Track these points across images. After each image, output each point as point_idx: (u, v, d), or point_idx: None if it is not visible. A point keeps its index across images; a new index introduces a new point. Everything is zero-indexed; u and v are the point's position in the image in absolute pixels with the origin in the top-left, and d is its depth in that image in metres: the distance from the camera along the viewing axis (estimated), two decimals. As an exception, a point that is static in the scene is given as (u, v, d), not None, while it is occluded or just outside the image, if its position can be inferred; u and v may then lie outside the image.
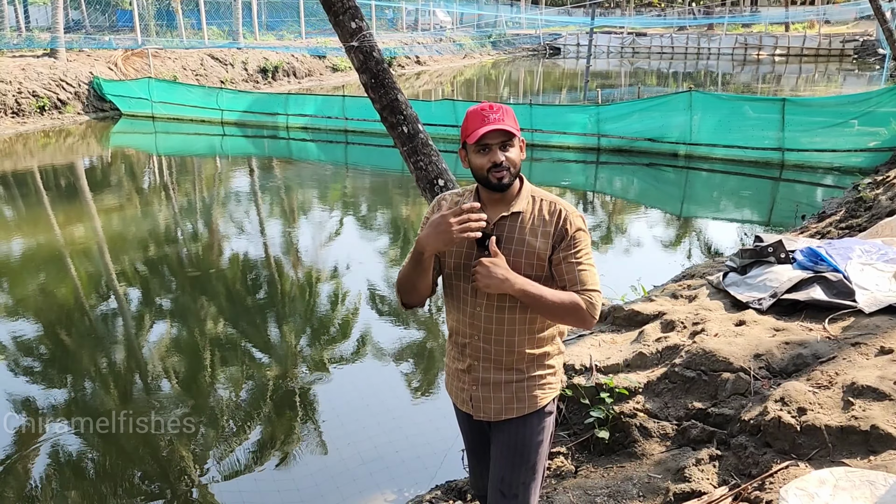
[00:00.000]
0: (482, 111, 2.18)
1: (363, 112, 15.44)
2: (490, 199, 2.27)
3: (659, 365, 3.91)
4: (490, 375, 2.33)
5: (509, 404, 2.33)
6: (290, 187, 12.79)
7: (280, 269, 8.37)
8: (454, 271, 2.31)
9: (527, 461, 2.36)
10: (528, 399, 2.33)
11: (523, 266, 2.21)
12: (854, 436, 2.96)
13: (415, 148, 4.43)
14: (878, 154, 11.31)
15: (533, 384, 2.34)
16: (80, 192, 12.27)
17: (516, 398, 2.33)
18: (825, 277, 4.34)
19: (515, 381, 2.32)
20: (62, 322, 6.67)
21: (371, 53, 4.45)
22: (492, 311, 2.27)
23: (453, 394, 2.48)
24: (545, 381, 2.36)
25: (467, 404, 2.40)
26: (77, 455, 4.57)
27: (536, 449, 2.37)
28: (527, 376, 2.33)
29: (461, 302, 2.32)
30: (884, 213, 6.87)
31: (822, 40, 36.86)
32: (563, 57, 42.52)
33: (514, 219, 2.24)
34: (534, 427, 2.36)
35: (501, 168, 2.16)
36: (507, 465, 2.36)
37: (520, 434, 2.35)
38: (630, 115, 13.57)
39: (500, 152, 2.16)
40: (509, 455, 2.36)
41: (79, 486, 4.27)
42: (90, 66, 20.20)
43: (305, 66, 26.83)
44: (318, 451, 4.64)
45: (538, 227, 2.23)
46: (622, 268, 8.04)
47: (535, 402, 2.34)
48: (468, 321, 2.31)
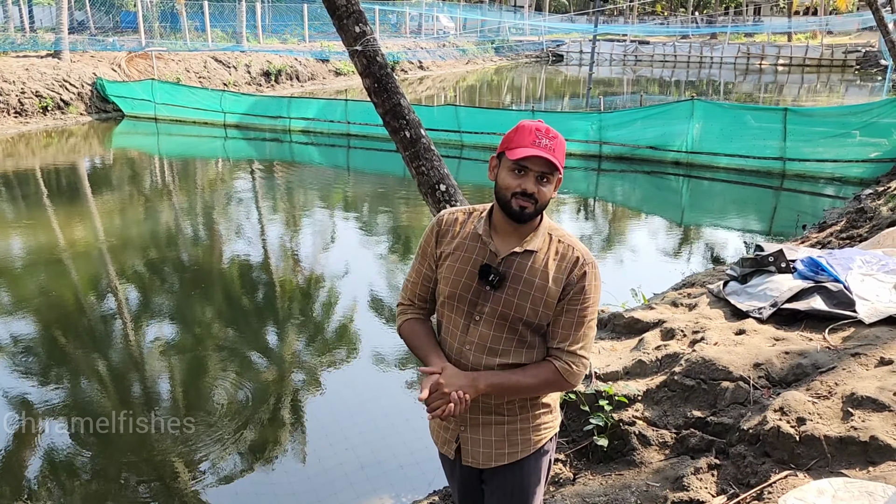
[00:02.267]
0: (536, 130, 1.98)
1: (366, 116, 15.47)
2: (504, 229, 2.05)
3: (658, 373, 3.90)
4: (478, 416, 2.11)
5: (500, 449, 2.12)
6: (291, 190, 12.80)
7: (280, 273, 8.37)
8: (448, 300, 2.11)
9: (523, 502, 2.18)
10: (521, 443, 2.12)
11: (527, 311, 2.00)
12: (853, 446, 2.96)
13: (417, 153, 4.43)
14: (880, 165, 11.33)
15: (526, 426, 2.12)
16: (81, 193, 12.29)
17: (508, 442, 2.11)
18: (825, 287, 4.34)
19: (507, 423, 2.11)
20: (60, 323, 6.66)
21: (374, 58, 4.45)
22: (482, 353, 2.05)
23: (438, 437, 2.25)
24: (539, 422, 2.14)
25: (452, 447, 2.18)
26: (74, 456, 4.56)
27: (533, 491, 2.18)
28: (519, 418, 2.11)
29: (450, 335, 2.12)
30: (885, 223, 6.87)
31: (824, 51, 36.94)
32: (565, 64, 42.60)
33: (526, 257, 2.01)
34: (530, 471, 2.16)
35: (529, 198, 1.95)
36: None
37: (516, 480, 2.15)
38: (632, 123, 13.59)
39: (535, 182, 1.96)
40: (505, 501, 2.17)
41: (75, 486, 4.26)
42: (94, 67, 20.25)
43: (308, 70, 26.88)
44: (315, 456, 4.63)
45: (550, 272, 2.00)
46: (623, 275, 8.04)
47: (529, 446, 2.13)
48: (455, 358, 2.09)
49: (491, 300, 2.03)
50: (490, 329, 2.04)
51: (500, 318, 2.03)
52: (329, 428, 4.94)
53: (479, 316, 2.05)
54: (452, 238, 2.12)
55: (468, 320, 2.07)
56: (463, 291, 2.06)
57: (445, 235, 2.14)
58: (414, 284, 2.23)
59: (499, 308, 2.02)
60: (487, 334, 2.04)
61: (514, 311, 2.01)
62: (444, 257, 2.12)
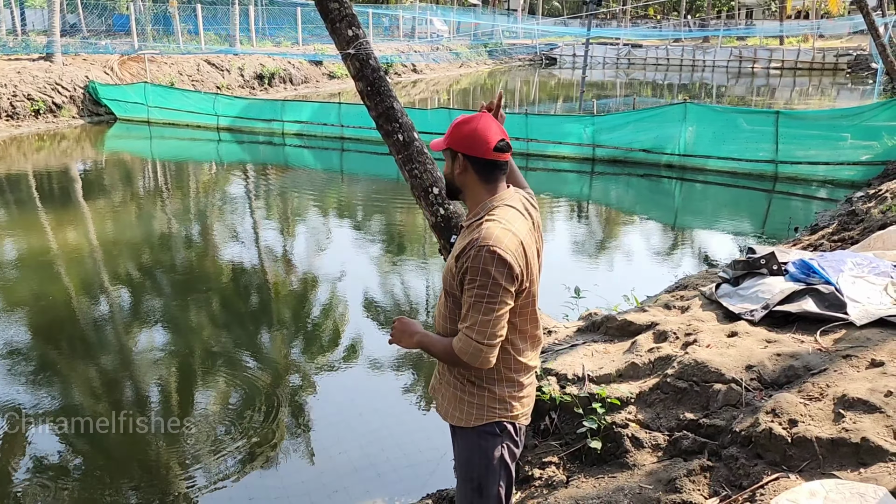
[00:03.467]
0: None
1: (359, 119, 15.47)
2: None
3: (651, 375, 3.91)
4: (444, 374, 2.39)
5: (451, 409, 2.35)
6: (284, 194, 12.79)
7: (273, 277, 8.35)
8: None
9: (470, 479, 2.32)
10: (465, 412, 2.30)
11: (445, 280, 2.27)
12: (844, 448, 2.97)
13: (410, 156, 4.43)
14: (871, 168, 11.40)
15: (471, 401, 2.29)
16: (73, 196, 12.24)
17: (456, 407, 2.33)
18: (817, 290, 4.36)
19: (452, 385, 2.34)
20: (52, 326, 6.63)
21: (367, 61, 4.46)
22: (437, 312, 2.37)
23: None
24: (483, 403, 2.28)
25: (433, 392, 2.48)
26: (67, 456, 4.53)
27: (478, 469, 2.30)
28: (466, 391, 2.30)
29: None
30: (876, 226, 6.91)
31: (816, 54, 37.17)
32: (559, 67, 42.70)
33: (460, 230, 2.31)
34: (472, 443, 2.31)
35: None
36: (457, 475, 2.40)
37: (461, 445, 2.36)
38: (625, 126, 13.65)
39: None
40: (457, 465, 2.40)
41: (68, 487, 4.24)
42: (86, 70, 20.19)
43: (302, 73, 26.87)
44: (309, 459, 4.62)
45: (457, 246, 2.22)
46: (615, 277, 8.06)
47: (470, 419, 2.29)
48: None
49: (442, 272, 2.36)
50: (442, 295, 2.33)
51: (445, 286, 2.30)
52: (322, 431, 4.93)
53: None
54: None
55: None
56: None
57: None
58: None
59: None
60: (441, 300, 2.34)
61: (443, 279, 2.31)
62: None
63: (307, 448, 4.74)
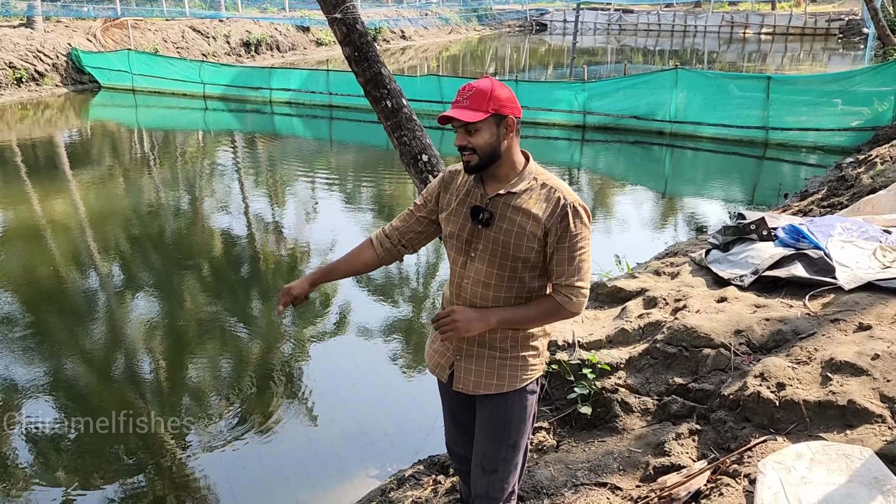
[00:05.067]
0: (461, 91, 2.17)
1: (348, 87, 15.30)
2: (488, 175, 2.25)
3: (641, 341, 3.93)
4: (473, 348, 2.32)
5: (489, 380, 2.32)
6: (273, 163, 12.67)
7: (262, 244, 8.31)
8: (448, 239, 2.34)
9: (507, 437, 2.35)
10: (508, 377, 2.32)
11: (513, 247, 2.19)
12: (831, 410, 3.00)
13: (399, 123, 4.39)
14: (861, 133, 11.39)
15: (515, 364, 2.32)
16: (59, 167, 12.08)
17: (497, 375, 2.31)
18: (806, 254, 4.37)
19: (499, 357, 2.31)
20: (40, 296, 6.59)
21: (354, 26, 4.39)
22: (478, 287, 2.26)
23: (431, 360, 2.47)
24: (526, 363, 2.33)
25: (445, 372, 2.40)
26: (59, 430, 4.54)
27: (518, 426, 2.36)
28: (510, 356, 2.31)
29: (452, 272, 2.36)
30: (865, 191, 6.93)
31: (807, 19, 36.89)
32: (549, 33, 42.24)
33: (510, 198, 2.20)
34: (514, 405, 2.34)
35: (467, 151, 2.16)
36: (489, 440, 2.36)
37: (500, 410, 2.34)
38: (616, 93, 13.55)
39: (464, 135, 2.15)
40: (491, 430, 2.36)
41: (61, 459, 4.25)
42: (68, 37, 19.81)
43: (289, 40, 26.47)
44: (302, 427, 4.64)
45: (532, 209, 2.17)
46: (606, 245, 8.06)
47: (515, 382, 2.33)
48: (455, 291, 2.33)
49: (483, 238, 2.23)
50: (484, 265, 2.24)
51: (492, 255, 2.22)
52: (315, 400, 4.95)
53: (475, 253, 2.26)
54: (455, 187, 2.34)
55: (465, 257, 2.29)
56: (459, 231, 2.28)
57: (451, 183, 2.36)
58: (401, 217, 2.48)
59: (490, 245, 2.21)
60: (482, 269, 2.25)
61: (502, 248, 2.20)
62: (449, 203, 2.33)
63: (299, 417, 4.76)
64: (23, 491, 3.98)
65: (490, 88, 2.13)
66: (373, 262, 2.50)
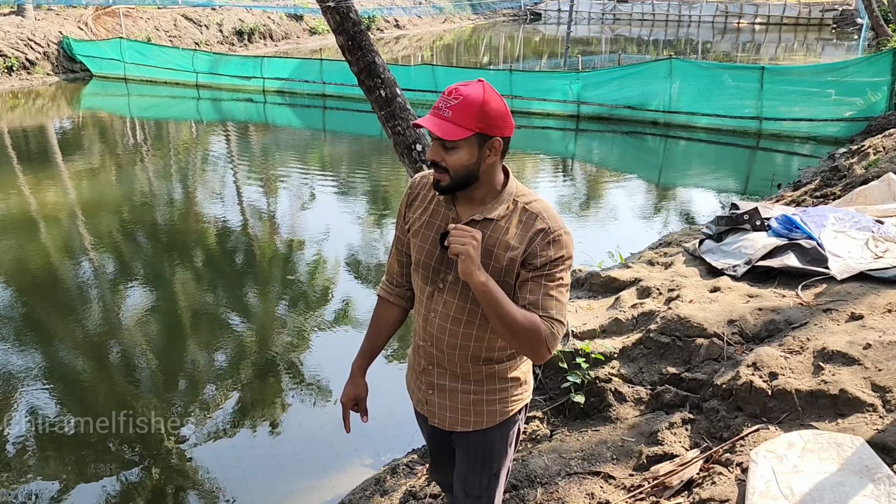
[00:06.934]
0: (445, 95, 1.81)
1: (341, 76, 15.23)
2: (462, 196, 1.92)
3: (634, 331, 3.94)
4: (445, 383, 2.09)
5: (465, 416, 2.09)
6: (267, 153, 12.62)
7: (257, 235, 8.29)
8: (415, 267, 2.06)
9: (489, 469, 2.17)
10: (486, 413, 2.08)
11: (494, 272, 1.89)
12: (823, 399, 3.02)
13: (392, 112, 4.37)
14: (854, 124, 11.42)
15: (492, 398, 2.07)
16: (50, 156, 12.00)
17: (473, 411, 2.08)
18: (799, 244, 4.39)
19: (473, 392, 2.07)
20: (33, 285, 6.56)
21: (348, 14, 4.36)
22: (446, 322, 1.99)
23: (411, 392, 2.27)
24: (506, 395, 2.09)
25: (423, 406, 2.19)
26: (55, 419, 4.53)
27: (500, 458, 2.17)
28: (485, 389, 2.06)
29: (419, 302, 2.08)
30: (858, 181, 6.95)
31: (801, 9, 36.88)
32: (543, 23, 42.11)
33: (486, 225, 1.89)
34: (495, 438, 2.13)
35: (439, 169, 1.83)
36: (469, 472, 2.19)
37: (481, 445, 2.14)
38: (610, 83, 13.53)
39: (439, 150, 1.82)
40: (471, 462, 2.17)
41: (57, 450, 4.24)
42: (59, 25, 19.65)
43: (282, 29, 26.31)
44: (295, 417, 4.64)
45: (510, 241, 1.87)
46: (600, 235, 8.08)
47: (495, 417, 2.09)
48: (422, 323, 2.06)
49: (454, 268, 1.90)
50: (455, 298, 1.96)
51: (464, 288, 1.92)
52: (309, 390, 4.95)
53: (444, 284, 1.97)
54: (422, 202, 2.03)
55: (433, 287, 2.00)
56: (426, 258, 1.99)
57: (416, 199, 2.05)
58: (392, 258, 2.20)
59: (460, 277, 1.80)
60: (452, 303, 1.97)
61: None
62: (414, 222, 2.03)
63: (293, 406, 4.76)
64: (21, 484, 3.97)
65: (480, 101, 1.77)
66: (401, 314, 2.24)
